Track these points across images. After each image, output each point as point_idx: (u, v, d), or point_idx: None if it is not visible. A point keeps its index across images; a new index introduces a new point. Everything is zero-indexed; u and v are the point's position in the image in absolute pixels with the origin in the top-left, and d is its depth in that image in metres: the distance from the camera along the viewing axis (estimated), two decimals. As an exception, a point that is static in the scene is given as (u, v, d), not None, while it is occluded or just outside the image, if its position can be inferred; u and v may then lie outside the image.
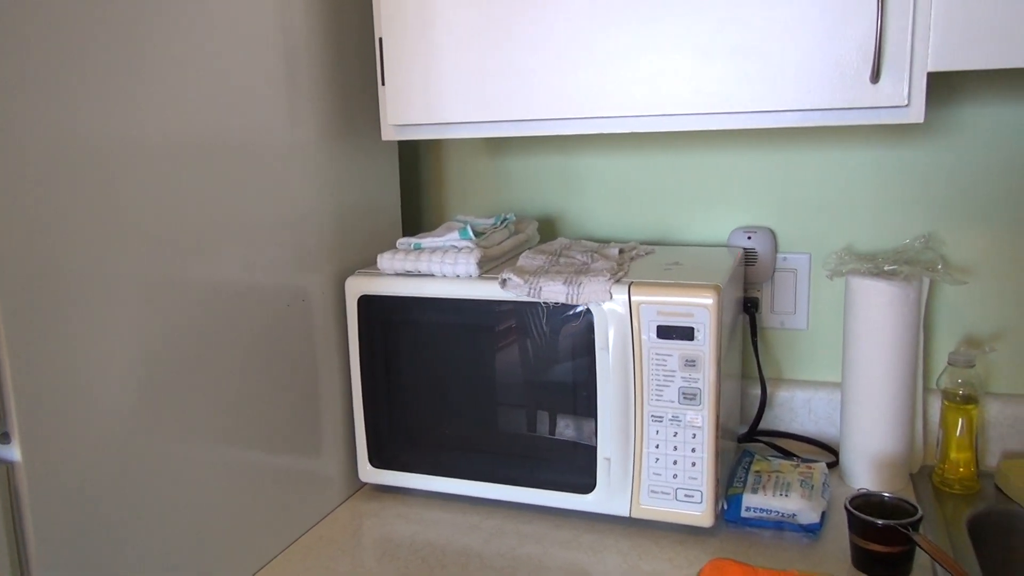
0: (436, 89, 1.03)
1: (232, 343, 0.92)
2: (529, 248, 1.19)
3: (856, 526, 0.91)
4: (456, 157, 1.39)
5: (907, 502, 0.92)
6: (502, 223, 1.17)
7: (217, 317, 0.90)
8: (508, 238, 1.16)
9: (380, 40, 1.04)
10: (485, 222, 1.18)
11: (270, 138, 0.97)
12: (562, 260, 1.08)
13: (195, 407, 0.87)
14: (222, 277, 0.90)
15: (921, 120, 0.86)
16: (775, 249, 1.23)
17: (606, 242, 1.24)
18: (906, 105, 0.86)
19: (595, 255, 1.10)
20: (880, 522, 0.89)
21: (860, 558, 0.91)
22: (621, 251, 1.14)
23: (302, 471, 1.05)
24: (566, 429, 1.01)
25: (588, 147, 1.31)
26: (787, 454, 1.19)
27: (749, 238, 1.23)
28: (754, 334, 1.24)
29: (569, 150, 1.32)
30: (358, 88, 1.14)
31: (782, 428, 1.26)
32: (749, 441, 1.25)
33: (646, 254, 1.15)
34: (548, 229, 1.36)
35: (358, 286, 1.09)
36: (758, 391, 1.25)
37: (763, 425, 1.27)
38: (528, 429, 1.04)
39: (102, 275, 0.75)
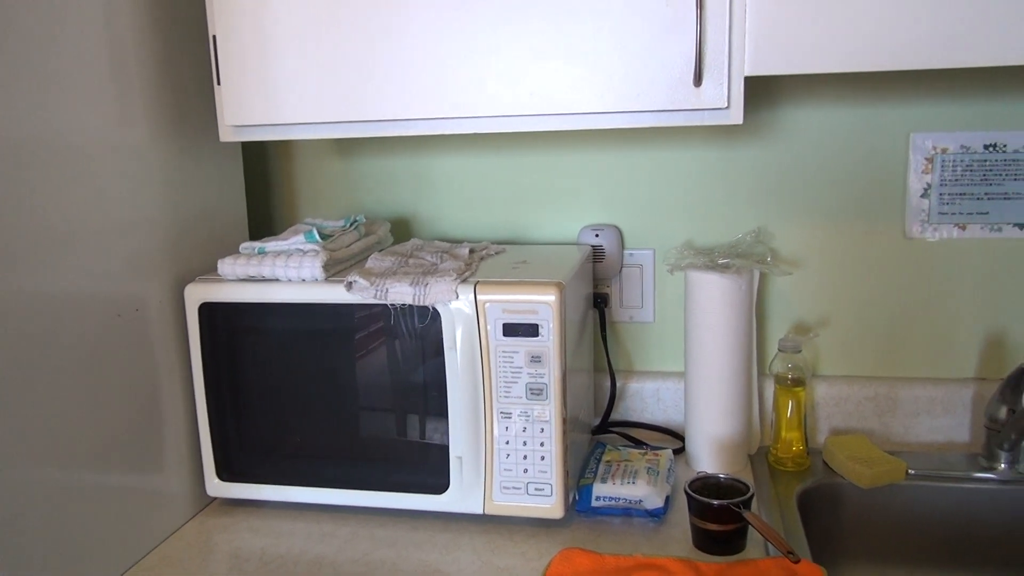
0: (274, 89, 1.00)
1: (55, 357, 0.86)
2: (381, 250, 1.18)
3: (694, 508, 0.96)
4: (306, 158, 1.36)
5: (740, 482, 0.98)
6: (351, 225, 1.16)
7: (38, 329, 0.84)
8: (358, 240, 1.14)
9: (214, 38, 1.01)
10: (334, 224, 1.16)
11: (95, 138, 0.92)
12: (411, 261, 1.08)
13: (13, 424, 0.81)
14: (42, 286, 0.84)
15: (740, 121, 0.91)
16: (622, 246, 1.28)
17: (459, 242, 1.25)
18: (726, 107, 0.91)
19: (445, 256, 1.10)
20: (715, 502, 0.94)
21: (699, 538, 0.96)
22: (472, 251, 1.15)
23: (142, 489, 1.00)
24: (418, 430, 1.01)
25: (440, 147, 1.31)
26: (638, 443, 1.24)
27: (597, 235, 1.26)
28: (603, 328, 1.28)
29: (421, 151, 1.32)
30: (195, 87, 1.09)
31: (634, 418, 1.31)
32: (603, 432, 1.29)
33: (496, 253, 1.16)
34: (402, 230, 1.35)
35: (198, 293, 1.05)
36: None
37: (616, 416, 1.31)
38: (381, 433, 1.03)
39: None
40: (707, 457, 1.16)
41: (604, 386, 1.30)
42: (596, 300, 1.27)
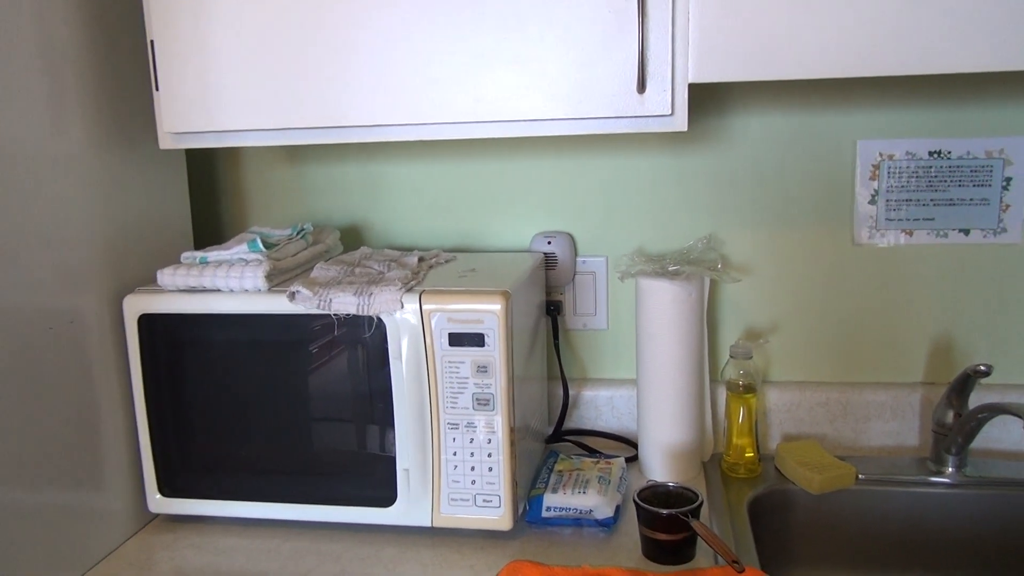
0: (215, 95, 0.98)
1: (-21, 373, 0.83)
2: (330, 258, 1.16)
3: (643, 517, 0.95)
4: (255, 165, 1.34)
5: (690, 490, 0.97)
6: (298, 234, 1.14)
7: (-41, 346, 0.81)
8: (305, 249, 1.12)
9: (152, 43, 0.98)
10: (281, 233, 1.14)
11: (27, 146, 0.89)
12: (358, 271, 1.06)
13: (-69, 448, 0.78)
14: (-36, 301, 0.82)
15: (685, 128, 0.91)
16: (574, 253, 1.27)
17: (411, 250, 1.23)
18: (671, 114, 0.90)
19: (392, 264, 1.09)
20: (664, 512, 0.93)
21: (648, 547, 0.95)
22: (421, 259, 1.13)
23: (80, 506, 0.97)
24: (364, 442, 0.99)
25: (393, 154, 1.30)
26: (591, 451, 1.23)
27: (549, 243, 1.26)
28: (556, 336, 1.27)
29: (374, 157, 1.30)
30: (134, 93, 1.07)
31: (588, 426, 1.30)
32: (557, 441, 1.28)
33: (446, 261, 1.15)
34: (353, 238, 1.33)
35: (137, 305, 1.02)
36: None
37: (571, 424, 1.30)
38: (326, 445, 1.01)
39: None
40: (660, 465, 1.15)
41: (558, 394, 1.29)
42: (549, 308, 1.27)
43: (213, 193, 1.36)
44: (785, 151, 1.20)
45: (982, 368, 1.05)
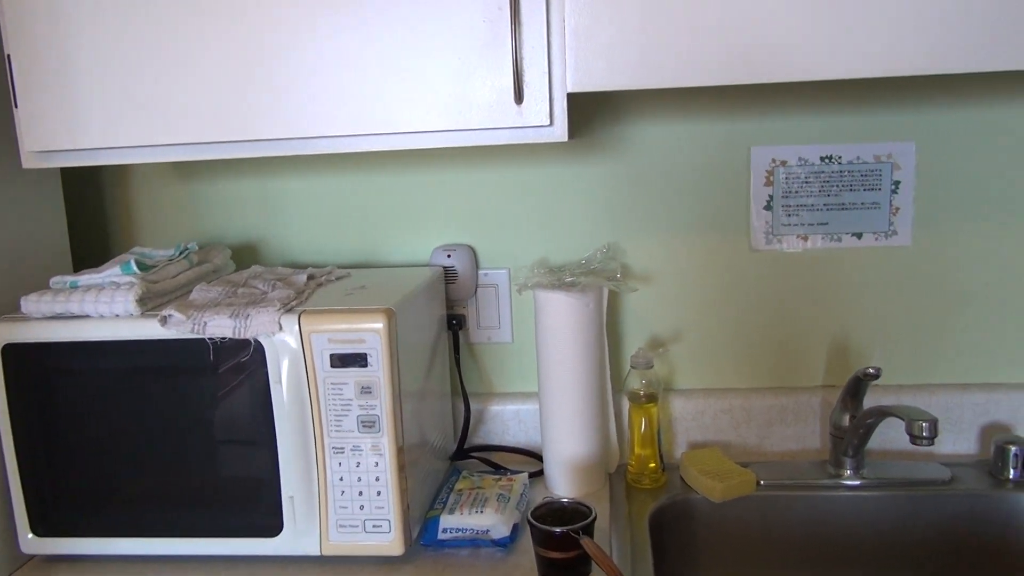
0: (78, 111, 0.93)
1: None
2: (215, 279, 1.11)
3: (536, 536, 0.93)
4: (144, 182, 1.29)
5: (584, 506, 0.95)
6: (181, 254, 1.09)
7: None
8: (187, 270, 1.08)
9: (8, 57, 0.93)
10: (163, 254, 1.09)
11: None
12: (241, 291, 1.02)
13: None
14: None
15: (565, 139, 0.90)
16: (476, 266, 1.25)
17: (306, 268, 1.19)
18: (550, 124, 0.89)
19: (278, 283, 1.05)
20: (557, 530, 0.91)
21: (543, 566, 0.93)
22: (311, 277, 1.09)
23: (-63, 553, 0.91)
24: (247, 471, 0.95)
25: (289, 169, 1.26)
26: (497, 467, 1.21)
27: (449, 256, 1.23)
28: (456, 351, 1.24)
29: (269, 172, 1.26)
30: (-4, 110, 1.01)
31: (495, 441, 1.28)
32: (464, 458, 1.25)
33: (338, 279, 1.11)
34: (249, 256, 1.29)
35: (1, 334, 0.96)
36: (472, 408, 1.25)
37: (478, 440, 1.28)
38: (208, 475, 0.96)
39: None
40: (564, 479, 1.13)
41: (463, 410, 1.26)
42: (451, 322, 1.24)
43: (100, 213, 1.30)
44: (682, 158, 1.20)
45: (871, 371, 1.06)
